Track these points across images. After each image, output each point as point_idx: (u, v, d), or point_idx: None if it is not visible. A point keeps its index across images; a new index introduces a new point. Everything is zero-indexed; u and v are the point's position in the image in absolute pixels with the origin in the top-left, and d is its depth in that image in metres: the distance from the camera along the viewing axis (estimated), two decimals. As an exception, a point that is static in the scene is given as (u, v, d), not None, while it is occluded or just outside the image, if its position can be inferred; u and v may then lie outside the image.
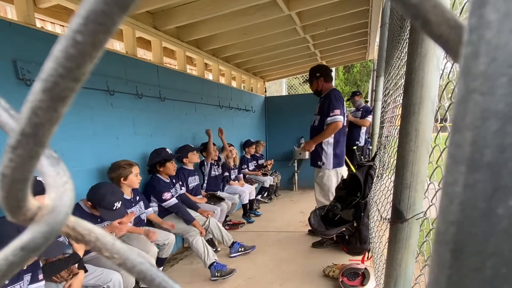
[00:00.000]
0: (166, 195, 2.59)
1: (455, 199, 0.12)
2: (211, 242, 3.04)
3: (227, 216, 3.65)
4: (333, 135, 2.95)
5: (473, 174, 0.11)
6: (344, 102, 3.11)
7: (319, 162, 3.05)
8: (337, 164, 3.03)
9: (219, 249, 3.13)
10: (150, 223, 2.58)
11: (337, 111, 2.87)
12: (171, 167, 2.70)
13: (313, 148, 3.08)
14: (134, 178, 2.29)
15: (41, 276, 1.43)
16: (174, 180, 2.82)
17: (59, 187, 0.16)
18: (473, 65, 0.11)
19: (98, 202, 1.88)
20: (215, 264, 2.51)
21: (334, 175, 3.04)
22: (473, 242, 0.11)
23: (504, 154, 0.11)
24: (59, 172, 0.17)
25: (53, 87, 0.11)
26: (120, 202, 1.96)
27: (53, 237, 0.16)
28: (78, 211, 1.94)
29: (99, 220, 2.00)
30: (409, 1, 0.13)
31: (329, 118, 2.89)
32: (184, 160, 3.05)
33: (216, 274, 2.47)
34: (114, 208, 1.91)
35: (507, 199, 0.11)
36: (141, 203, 2.47)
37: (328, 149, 3.01)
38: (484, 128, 0.11)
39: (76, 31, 0.11)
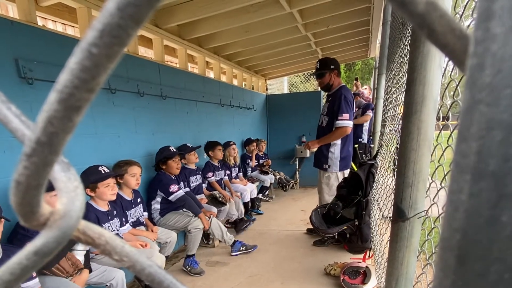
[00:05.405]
0: (173, 188, 2.60)
1: (460, 206, 0.12)
2: (205, 235, 3.11)
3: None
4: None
5: (478, 182, 0.11)
6: (354, 102, 2.97)
7: (324, 165, 2.94)
8: (344, 167, 2.91)
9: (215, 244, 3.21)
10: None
11: (346, 116, 2.73)
12: (174, 165, 2.69)
13: (316, 148, 2.97)
14: (129, 178, 2.26)
15: (34, 273, 1.42)
16: (178, 179, 2.83)
17: (70, 192, 0.17)
18: (478, 77, 0.11)
19: (89, 180, 1.91)
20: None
21: (341, 175, 2.91)
22: (477, 248, 0.12)
23: (509, 164, 0.11)
24: (70, 178, 0.17)
25: (68, 98, 0.12)
26: (104, 167, 2.01)
27: (65, 242, 0.16)
28: (91, 210, 1.92)
29: (109, 217, 2.01)
30: (416, 10, 0.14)
31: (338, 122, 2.75)
32: (182, 160, 3.02)
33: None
34: (103, 172, 1.96)
35: (511, 207, 0.11)
36: (141, 205, 2.48)
37: (335, 151, 2.87)
38: (489, 138, 0.11)
39: (92, 43, 0.11)
